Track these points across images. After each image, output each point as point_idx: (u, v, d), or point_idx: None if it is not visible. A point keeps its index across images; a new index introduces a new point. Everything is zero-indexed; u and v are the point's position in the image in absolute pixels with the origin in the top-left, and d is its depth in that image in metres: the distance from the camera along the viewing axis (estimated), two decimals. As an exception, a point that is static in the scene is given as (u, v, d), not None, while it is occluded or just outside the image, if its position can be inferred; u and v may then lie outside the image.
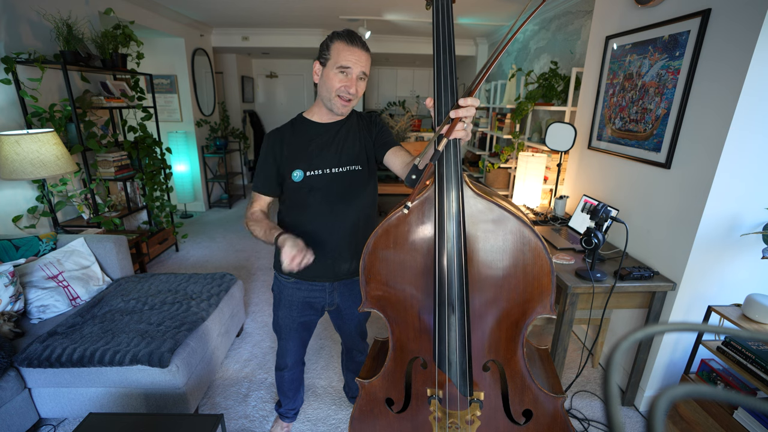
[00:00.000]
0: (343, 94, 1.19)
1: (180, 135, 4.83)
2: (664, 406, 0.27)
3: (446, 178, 0.87)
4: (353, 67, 1.16)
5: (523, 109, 3.45)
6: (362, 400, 1.18)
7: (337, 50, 1.15)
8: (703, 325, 0.33)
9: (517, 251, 0.92)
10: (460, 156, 0.88)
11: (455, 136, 0.83)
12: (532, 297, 0.95)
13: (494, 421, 1.09)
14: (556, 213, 2.51)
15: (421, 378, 1.08)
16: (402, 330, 1.06)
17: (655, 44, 1.83)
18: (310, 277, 1.37)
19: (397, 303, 1.03)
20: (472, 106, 0.81)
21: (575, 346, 2.44)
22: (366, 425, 1.20)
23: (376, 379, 1.14)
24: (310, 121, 1.31)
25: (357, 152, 1.31)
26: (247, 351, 2.37)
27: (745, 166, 1.53)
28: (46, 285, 2.00)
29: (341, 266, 1.37)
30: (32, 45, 2.54)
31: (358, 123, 1.35)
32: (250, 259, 3.69)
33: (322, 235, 1.32)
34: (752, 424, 1.40)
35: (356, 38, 1.16)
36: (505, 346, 1.01)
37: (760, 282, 1.70)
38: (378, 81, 7.89)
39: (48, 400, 1.73)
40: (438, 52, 0.87)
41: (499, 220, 0.91)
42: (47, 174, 2.18)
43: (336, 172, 1.28)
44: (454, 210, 0.89)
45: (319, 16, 4.50)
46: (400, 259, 0.98)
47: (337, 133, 1.30)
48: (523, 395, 1.05)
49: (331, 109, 1.24)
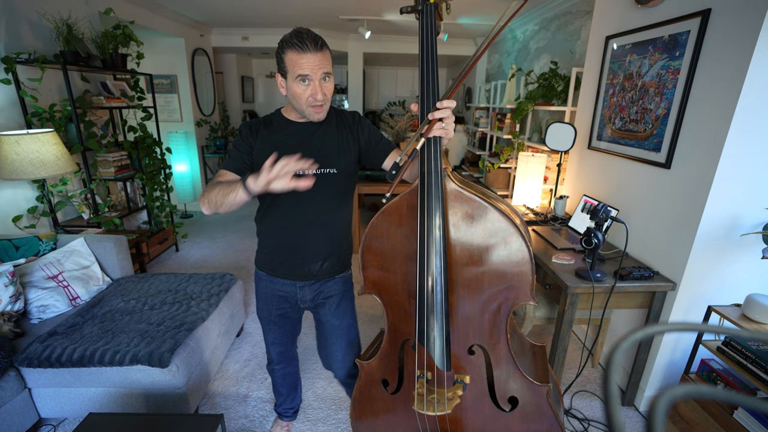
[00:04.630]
0: (312, 103, 1.16)
1: (180, 135, 4.83)
2: (664, 406, 0.27)
3: (427, 172, 0.96)
4: (312, 74, 1.10)
5: (523, 109, 3.45)
6: (361, 381, 1.28)
7: (291, 61, 1.10)
8: (703, 325, 0.33)
9: (496, 239, 0.98)
10: (440, 152, 0.97)
11: (434, 134, 0.93)
12: (512, 284, 1.01)
13: (480, 407, 1.13)
14: (556, 213, 2.51)
15: (411, 359, 1.15)
16: (395, 313, 1.15)
17: (655, 44, 1.83)
18: (280, 274, 1.36)
19: (390, 287, 1.12)
20: (447, 108, 0.91)
21: (575, 346, 2.44)
22: (365, 405, 1.30)
23: (374, 360, 1.23)
24: (287, 120, 1.27)
25: (333, 155, 1.27)
26: (247, 351, 2.37)
27: (745, 167, 1.53)
28: (46, 285, 2.00)
29: (311, 267, 1.34)
30: (32, 45, 2.54)
31: (338, 124, 1.30)
32: (250, 259, 3.69)
33: (293, 235, 1.30)
34: (752, 424, 1.40)
35: (306, 40, 1.08)
36: (489, 332, 1.06)
37: (760, 282, 1.70)
38: (378, 81, 7.88)
39: (48, 400, 1.73)
40: (423, 63, 0.96)
41: (479, 210, 0.98)
42: (47, 174, 2.18)
43: (310, 174, 1.23)
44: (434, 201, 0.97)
45: (319, 16, 4.51)
46: (391, 245, 1.08)
47: (313, 134, 1.26)
48: (508, 381, 1.10)
49: (307, 117, 1.22)
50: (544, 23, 3.93)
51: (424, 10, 0.95)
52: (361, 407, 1.32)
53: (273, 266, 1.37)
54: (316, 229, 1.30)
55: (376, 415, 1.30)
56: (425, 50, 0.95)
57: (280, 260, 1.35)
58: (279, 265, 1.36)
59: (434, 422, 1.17)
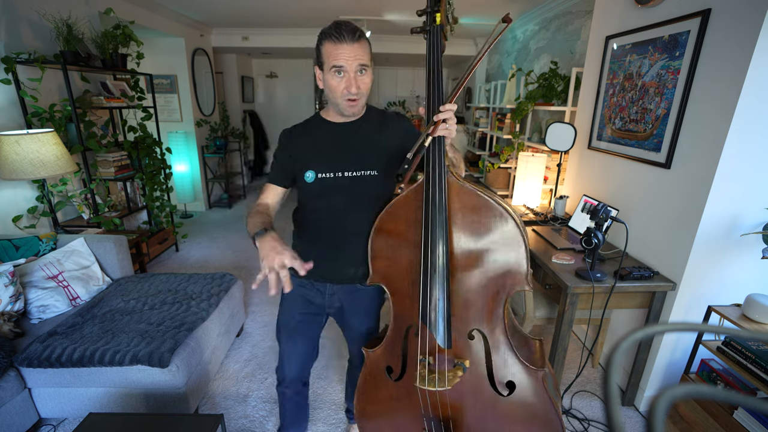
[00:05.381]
0: (347, 96, 1.13)
1: (180, 135, 4.83)
2: (664, 406, 0.27)
3: (432, 167, 1.05)
4: (347, 65, 1.08)
5: (523, 109, 3.45)
6: (366, 369, 1.32)
7: (327, 52, 1.09)
8: (703, 325, 0.33)
9: (493, 226, 1.07)
10: (444, 149, 1.05)
11: (439, 134, 1.00)
12: (509, 269, 1.08)
13: (479, 392, 1.17)
14: (556, 213, 2.51)
15: (414, 345, 1.19)
16: (400, 300, 1.21)
17: (655, 44, 1.83)
18: (314, 275, 1.30)
19: (396, 276, 1.19)
20: (449, 110, 0.99)
21: (575, 346, 2.44)
22: (370, 394, 1.33)
23: (379, 348, 1.27)
24: (326, 121, 1.25)
25: (373, 156, 1.23)
26: (247, 351, 2.37)
27: (745, 167, 1.53)
28: (46, 285, 2.00)
29: (346, 270, 1.31)
30: (32, 45, 2.54)
31: (380, 124, 1.27)
32: (250, 259, 3.69)
33: (331, 238, 1.28)
34: (752, 424, 1.40)
35: (344, 31, 1.07)
36: (487, 318, 1.13)
37: (760, 282, 1.70)
38: (378, 81, 7.88)
39: (48, 400, 1.73)
40: (429, 74, 1.07)
41: (478, 201, 1.07)
42: (47, 174, 2.18)
43: (349, 176, 1.21)
44: (437, 194, 1.04)
45: (319, 16, 4.50)
46: (399, 237, 1.15)
47: (354, 134, 1.23)
48: (506, 366, 1.15)
49: (341, 113, 1.19)
50: (544, 23, 3.93)
51: (431, 30, 1.07)
52: (366, 397, 1.34)
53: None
54: (356, 231, 1.25)
55: (380, 403, 1.32)
56: (431, 65, 1.07)
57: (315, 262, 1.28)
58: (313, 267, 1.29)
59: (436, 403, 1.20)
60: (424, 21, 1.09)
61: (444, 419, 1.22)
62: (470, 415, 1.20)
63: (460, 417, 1.21)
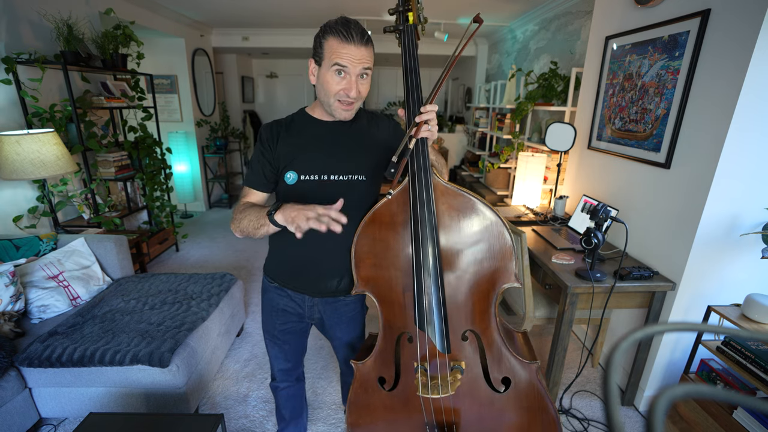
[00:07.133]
0: (342, 99, 1.05)
1: (180, 135, 4.83)
2: (663, 406, 0.27)
3: (417, 169, 1.03)
4: (351, 67, 1.00)
5: (523, 109, 3.45)
6: (356, 382, 1.25)
7: (330, 48, 1.00)
8: (703, 325, 0.33)
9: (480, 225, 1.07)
10: (427, 151, 1.04)
11: (421, 135, 0.98)
12: (497, 269, 1.09)
13: (476, 390, 1.17)
14: (556, 213, 2.52)
15: (408, 352, 1.17)
16: (389, 308, 1.17)
17: (655, 44, 1.83)
18: (292, 286, 1.26)
19: (383, 283, 1.15)
20: (431, 111, 0.97)
21: (575, 346, 2.44)
22: (362, 407, 1.27)
23: (369, 359, 1.22)
24: (313, 118, 1.15)
25: (362, 160, 1.15)
26: (247, 351, 2.37)
27: (745, 166, 1.53)
28: (46, 285, 2.00)
29: (328, 283, 1.23)
30: (33, 45, 2.54)
31: (369, 126, 1.19)
32: (250, 259, 3.69)
33: (312, 247, 1.18)
34: (752, 424, 1.41)
35: (353, 31, 0.99)
36: (479, 318, 1.13)
37: (759, 282, 1.70)
38: (378, 81, 7.89)
39: (48, 399, 1.73)
40: (406, 74, 1.06)
41: (464, 201, 1.07)
42: (47, 174, 2.19)
43: (334, 180, 1.12)
44: (425, 195, 1.03)
45: (319, 16, 4.50)
46: (384, 241, 1.11)
47: (342, 135, 1.14)
48: (501, 363, 1.16)
49: (332, 114, 1.10)
50: (544, 23, 3.93)
51: (404, 30, 1.07)
52: (358, 411, 1.27)
53: (285, 278, 1.26)
54: (339, 241, 1.13)
55: (374, 416, 1.27)
56: (407, 63, 1.06)
57: (294, 272, 1.24)
58: (292, 278, 1.25)
59: (440, 408, 1.19)
60: (396, 20, 1.09)
61: (447, 424, 1.21)
62: (469, 415, 1.20)
63: (460, 418, 1.21)
